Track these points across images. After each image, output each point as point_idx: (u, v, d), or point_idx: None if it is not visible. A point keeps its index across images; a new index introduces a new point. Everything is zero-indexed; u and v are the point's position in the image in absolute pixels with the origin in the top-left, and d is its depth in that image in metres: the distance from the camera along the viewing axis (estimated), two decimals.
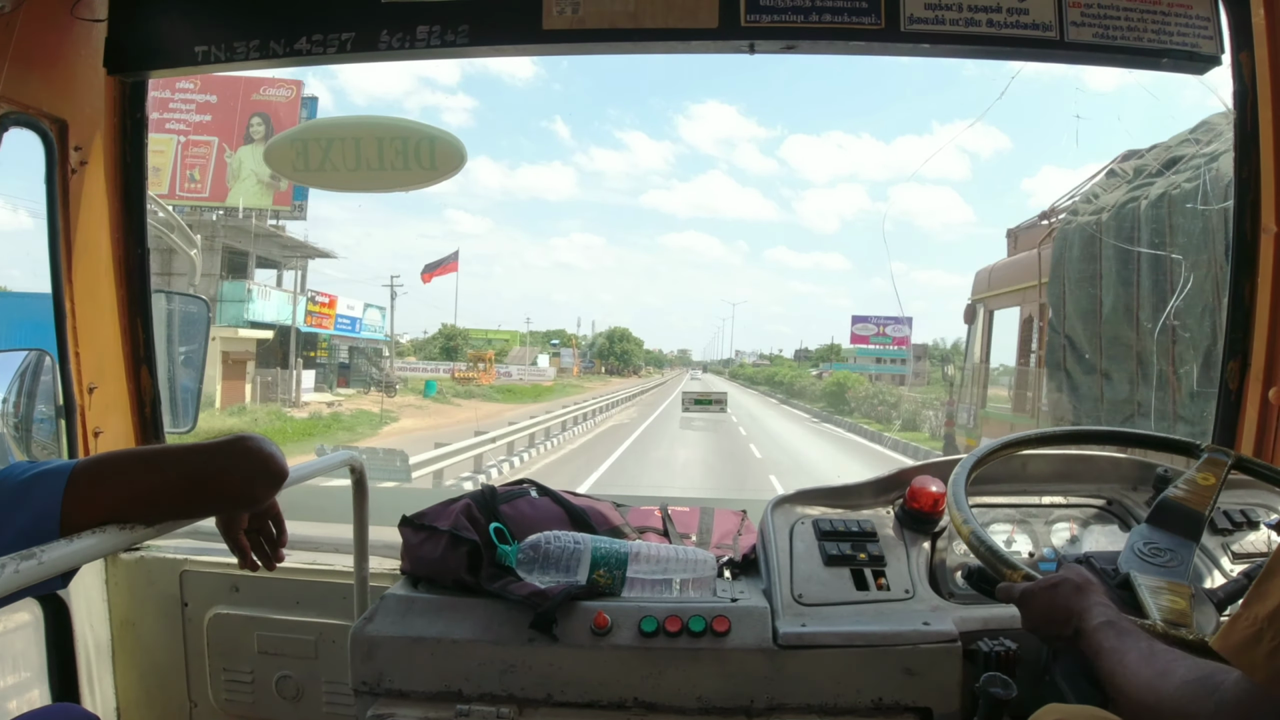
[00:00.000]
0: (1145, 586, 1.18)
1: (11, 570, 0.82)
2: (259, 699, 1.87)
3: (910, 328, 39.49)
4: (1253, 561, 1.45)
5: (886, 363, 40.00)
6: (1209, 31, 1.69)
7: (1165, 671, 0.89)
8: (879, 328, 38.03)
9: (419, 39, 1.66)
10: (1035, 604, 1.13)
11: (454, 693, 1.35)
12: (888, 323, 38.04)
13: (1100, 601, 1.06)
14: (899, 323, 38.22)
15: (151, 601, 1.91)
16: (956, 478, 1.39)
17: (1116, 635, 0.99)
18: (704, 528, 1.69)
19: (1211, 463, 1.40)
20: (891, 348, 38.96)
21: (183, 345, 2.00)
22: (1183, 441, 1.54)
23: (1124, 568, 1.24)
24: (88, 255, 1.85)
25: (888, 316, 38.38)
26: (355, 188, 1.95)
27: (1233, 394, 1.79)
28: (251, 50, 1.72)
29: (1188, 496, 1.34)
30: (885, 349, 38.86)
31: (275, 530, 1.27)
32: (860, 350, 39.24)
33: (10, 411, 1.81)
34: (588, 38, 1.66)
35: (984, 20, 1.62)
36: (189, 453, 1.06)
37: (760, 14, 1.62)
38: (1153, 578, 1.19)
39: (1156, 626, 1.07)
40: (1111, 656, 0.96)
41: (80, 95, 1.80)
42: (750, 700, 1.33)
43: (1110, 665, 0.96)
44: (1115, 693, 0.96)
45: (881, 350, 38.94)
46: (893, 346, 38.99)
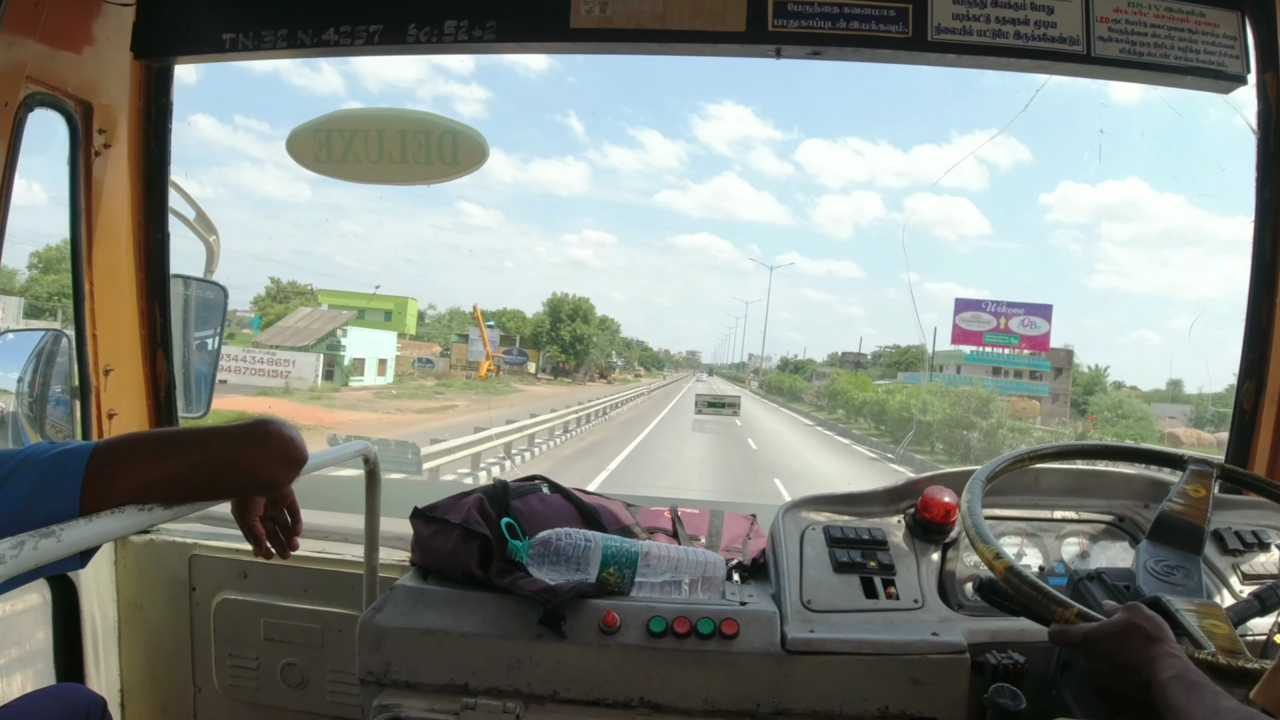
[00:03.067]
0: (1181, 610, 1.14)
1: (30, 548, 0.83)
2: (263, 686, 1.88)
3: (1049, 319, 24.78)
4: (1262, 582, 1.45)
5: (1010, 375, 25.81)
6: (1235, 51, 1.69)
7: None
8: (998, 318, 24.84)
9: (446, 34, 1.66)
10: (1102, 649, 1.06)
11: (460, 686, 1.35)
12: (1013, 311, 24.84)
13: (1169, 651, 1.01)
14: (1033, 312, 24.87)
15: (160, 584, 1.92)
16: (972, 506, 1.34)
17: (1185, 690, 0.95)
18: (714, 530, 1.69)
19: (1197, 474, 1.41)
20: (1018, 354, 25.32)
21: (199, 330, 2.01)
22: (1168, 453, 1.55)
23: (1145, 588, 1.23)
24: (108, 238, 1.86)
25: (1012, 303, 24.57)
26: (376, 179, 1.95)
27: (1247, 414, 1.78)
28: (279, 40, 1.73)
29: (1183, 510, 1.34)
30: (1007, 354, 25.53)
31: (290, 518, 1.27)
32: (969, 356, 25.78)
33: (25, 391, 1.82)
34: (614, 37, 1.66)
35: (1011, 32, 1.62)
36: (210, 436, 1.06)
37: (788, 19, 1.62)
38: (1182, 599, 1.17)
39: (1218, 659, 1.04)
40: (1179, 713, 0.93)
41: (106, 78, 1.81)
42: (756, 705, 1.33)
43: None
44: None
45: (1001, 357, 25.58)
46: (1022, 352, 25.37)
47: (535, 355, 51.08)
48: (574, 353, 52.87)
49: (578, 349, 53.00)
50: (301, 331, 34.33)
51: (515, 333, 51.73)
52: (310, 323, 35.33)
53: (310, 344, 33.12)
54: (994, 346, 25.29)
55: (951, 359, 27.82)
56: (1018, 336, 24.96)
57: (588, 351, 53.55)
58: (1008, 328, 24.76)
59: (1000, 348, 25.37)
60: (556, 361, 52.57)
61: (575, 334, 52.74)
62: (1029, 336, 24.81)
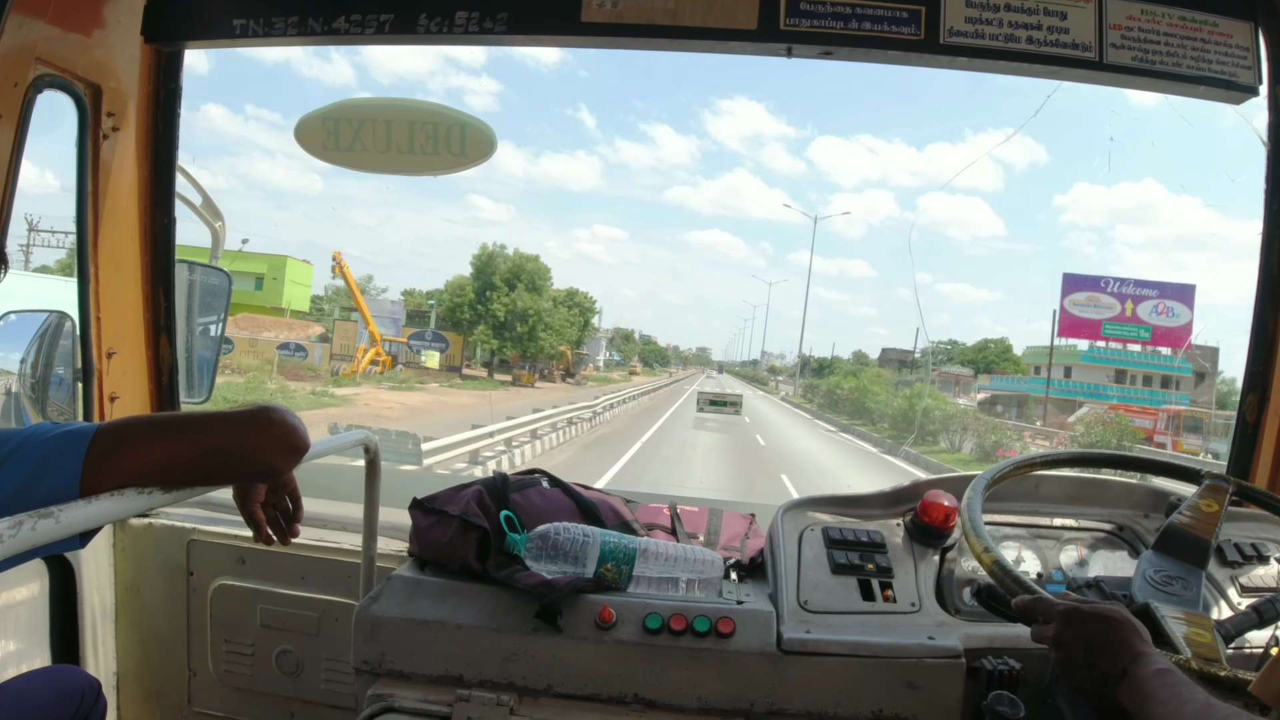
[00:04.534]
0: (1168, 618, 1.15)
1: (29, 528, 0.83)
2: (258, 672, 1.88)
3: (1191, 306, 17.34)
4: (1260, 595, 1.45)
5: (1138, 381, 19.20)
6: (1248, 62, 1.68)
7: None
8: (1122, 301, 17.78)
9: (457, 24, 1.66)
10: (1083, 627, 1.03)
11: (455, 677, 1.35)
12: (1143, 293, 17.58)
13: (1156, 650, 1.00)
14: (1169, 295, 17.53)
15: (158, 569, 1.93)
16: (971, 504, 1.36)
17: (1173, 685, 0.94)
18: (712, 529, 1.69)
19: (1213, 489, 1.41)
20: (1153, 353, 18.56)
21: (202, 316, 2.02)
22: (1186, 467, 1.54)
23: (1139, 596, 1.23)
24: (114, 221, 1.86)
25: (1142, 282, 17.33)
26: (384, 169, 1.95)
27: (1250, 426, 1.78)
28: (290, 27, 1.73)
29: (1193, 523, 1.34)
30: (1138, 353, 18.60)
31: (291, 505, 1.28)
32: (1086, 354, 19.61)
33: (28, 372, 1.82)
34: (625, 32, 1.66)
35: (1024, 37, 1.62)
36: (212, 421, 1.05)
37: (800, 18, 1.61)
38: (1171, 608, 1.18)
39: (1190, 663, 1.04)
40: (1167, 705, 0.92)
41: (116, 62, 1.81)
42: (750, 704, 1.33)
43: (1163, 714, 0.92)
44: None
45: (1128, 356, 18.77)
46: (1160, 350, 18.41)
47: (459, 341, 34.61)
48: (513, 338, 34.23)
49: (518, 331, 33.76)
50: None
51: (429, 309, 36.04)
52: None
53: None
54: (1117, 340, 18.56)
55: (1059, 358, 20.84)
56: (1149, 328, 17.67)
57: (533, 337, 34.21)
58: (1135, 315, 17.60)
59: (1126, 342, 18.53)
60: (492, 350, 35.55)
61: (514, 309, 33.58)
62: (1164, 328, 17.60)
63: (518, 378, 34.88)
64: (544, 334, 35.14)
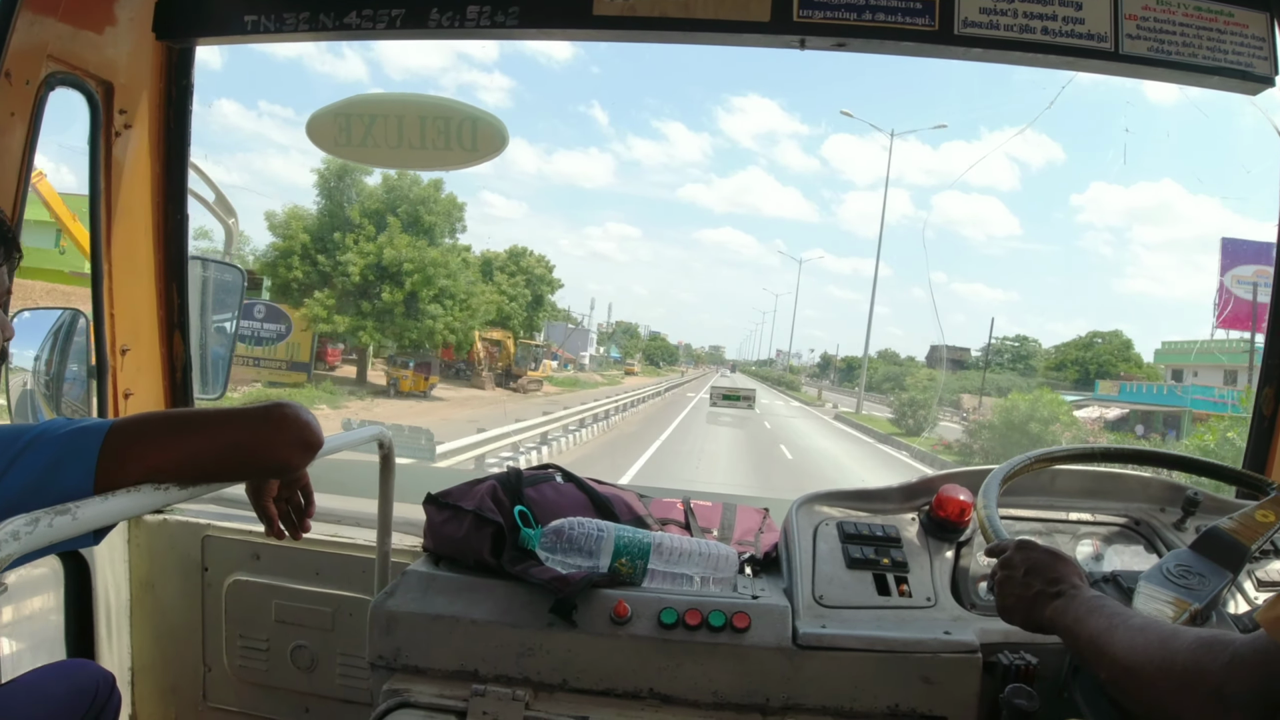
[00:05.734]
0: (1143, 593, 1.16)
1: (46, 525, 0.83)
2: (273, 667, 1.89)
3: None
4: (1278, 589, 1.44)
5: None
6: (1264, 53, 1.67)
7: (1172, 634, 0.89)
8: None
9: (469, 18, 1.66)
10: (1030, 554, 1.13)
11: (470, 672, 1.35)
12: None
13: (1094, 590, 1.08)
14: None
15: (172, 564, 1.93)
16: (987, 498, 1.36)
17: (1110, 608, 0.99)
18: (726, 523, 1.69)
19: (1278, 501, 1.36)
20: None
21: (216, 312, 2.02)
22: (1256, 478, 1.51)
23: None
24: (127, 218, 1.87)
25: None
26: (396, 165, 1.96)
27: (1266, 420, 1.77)
28: (301, 22, 1.73)
29: (1238, 529, 1.31)
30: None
31: (304, 500, 1.28)
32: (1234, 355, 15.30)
33: (42, 369, 1.83)
34: (638, 25, 1.65)
35: (1039, 28, 1.60)
36: (226, 417, 1.06)
37: (813, 10, 1.60)
38: (1158, 589, 1.17)
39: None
40: (1102, 620, 0.96)
41: (127, 59, 1.81)
42: (766, 699, 1.33)
43: (1100, 629, 0.96)
44: (1104, 659, 0.94)
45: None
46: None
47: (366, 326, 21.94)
48: (375, 313, 21.77)
49: (384, 301, 21.64)
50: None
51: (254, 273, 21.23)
52: None
53: None
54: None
55: (1205, 360, 16.80)
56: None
57: (413, 312, 22.17)
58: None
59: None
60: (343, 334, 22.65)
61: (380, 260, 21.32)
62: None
63: (396, 381, 23.19)
64: (436, 305, 22.33)
